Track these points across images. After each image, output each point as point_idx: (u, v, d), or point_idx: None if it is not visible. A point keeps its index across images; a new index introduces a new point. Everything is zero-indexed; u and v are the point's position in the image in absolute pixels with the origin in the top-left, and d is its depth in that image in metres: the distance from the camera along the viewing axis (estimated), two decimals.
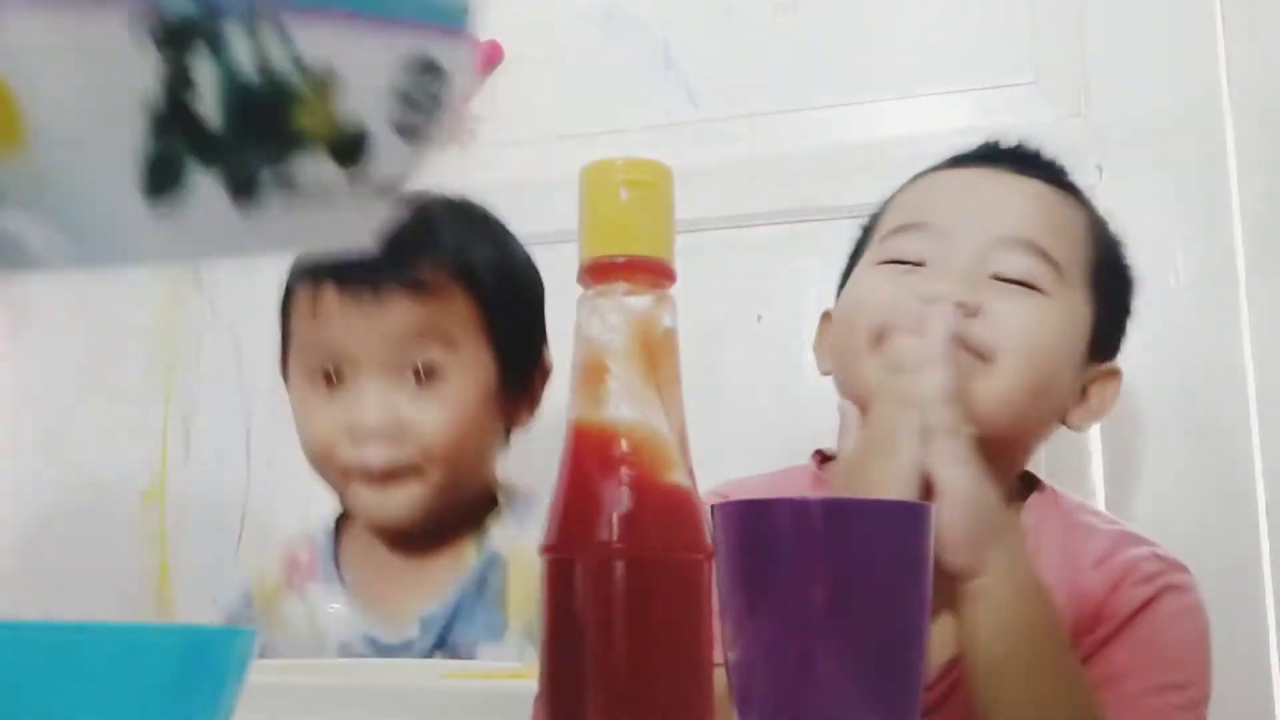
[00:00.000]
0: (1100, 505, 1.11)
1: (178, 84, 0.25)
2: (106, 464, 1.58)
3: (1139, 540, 0.85)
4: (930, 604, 0.46)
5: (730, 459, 0.88)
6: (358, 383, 0.90)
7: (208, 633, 0.37)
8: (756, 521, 0.46)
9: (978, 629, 0.70)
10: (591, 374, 0.46)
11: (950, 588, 0.70)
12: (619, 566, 0.43)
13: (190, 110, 0.25)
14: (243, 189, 0.27)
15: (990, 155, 0.90)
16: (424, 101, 0.31)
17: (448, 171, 1.63)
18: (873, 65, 1.30)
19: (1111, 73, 1.20)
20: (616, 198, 0.46)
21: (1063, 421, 0.87)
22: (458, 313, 0.90)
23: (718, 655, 0.45)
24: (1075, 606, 0.80)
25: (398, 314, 0.88)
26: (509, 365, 0.94)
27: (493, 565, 0.95)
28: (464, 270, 0.90)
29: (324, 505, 1.45)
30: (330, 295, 0.89)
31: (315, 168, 0.28)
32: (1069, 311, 0.83)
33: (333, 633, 0.95)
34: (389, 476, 0.90)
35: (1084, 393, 0.87)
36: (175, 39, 0.24)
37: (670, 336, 0.47)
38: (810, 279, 1.23)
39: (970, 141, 0.94)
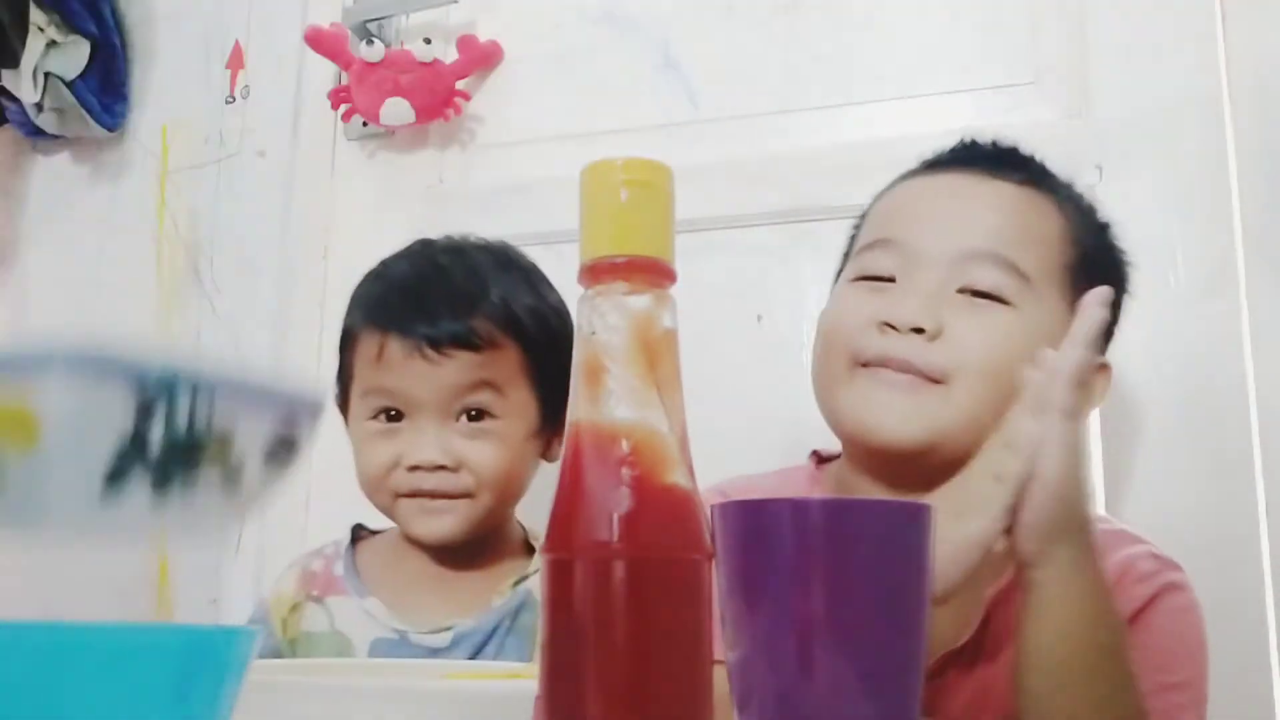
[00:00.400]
0: (1099, 505, 1.11)
1: (141, 423, 0.43)
2: None
3: (1134, 539, 0.85)
4: (930, 603, 0.46)
5: (730, 459, 0.88)
6: (416, 423, 0.97)
7: (208, 633, 0.37)
8: (756, 521, 0.46)
9: (1028, 619, 0.69)
10: (591, 374, 0.46)
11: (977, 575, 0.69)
12: (619, 566, 0.43)
13: (144, 437, 0.43)
14: (160, 485, 0.44)
15: (963, 158, 0.90)
16: (283, 454, 0.50)
17: (449, 172, 1.63)
18: (872, 65, 1.30)
19: (1111, 73, 1.20)
20: (616, 198, 0.46)
21: None
22: (507, 363, 0.98)
23: (718, 655, 0.45)
24: None
25: (455, 368, 0.96)
26: (548, 404, 1.01)
27: (527, 604, 1.01)
28: (511, 322, 0.98)
29: (323, 504, 1.45)
30: (395, 346, 0.97)
31: (209, 482, 0.46)
32: (1037, 321, 0.82)
33: (364, 632, 1.00)
34: (441, 497, 0.98)
35: None
36: (146, 400, 0.43)
37: (670, 336, 0.47)
38: (810, 279, 1.23)
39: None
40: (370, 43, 1.42)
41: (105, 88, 1.62)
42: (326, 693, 0.55)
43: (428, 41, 1.43)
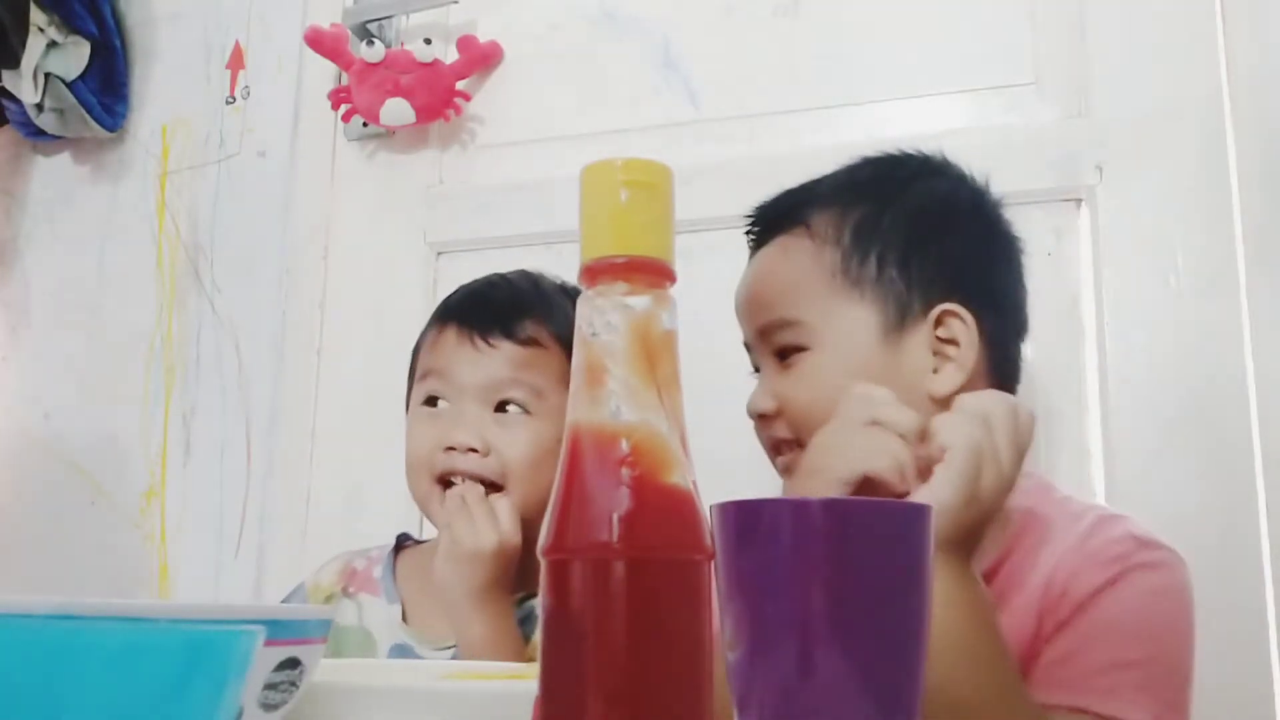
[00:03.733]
0: (1099, 501, 1.11)
1: None
2: (106, 464, 1.58)
3: (1116, 521, 0.85)
4: (931, 603, 0.46)
5: (731, 459, 0.88)
6: (457, 407, 1.03)
7: (208, 632, 0.37)
8: (756, 521, 0.46)
9: None
10: (592, 375, 0.46)
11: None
12: (619, 567, 0.43)
13: None
14: None
15: (751, 228, 0.98)
16: (285, 686, 0.48)
17: (449, 172, 1.63)
18: (872, 65, 1.30)
19: (1111, 73, 1.20)
20: (616, 198, 0.46)
21: (937, 401, 0.83)
22: (552, 368, 1.03)
23: (718, 655, 0.45)
24: (1045, 588, 0.81)
25: (498, 359, 1.03)
26: None
27: (529, 619, 1.02)
28: (561, 331, 1.04)
29: (323, 505, 1.45)
30: (451, 333, 1.05)
31: None
32: (837, 346, 0.86)
33: (386, 635, 1.04)
34: (471, 479, 1.02)
35: (947, 344, 0.85)
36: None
37: (670, 337, 0.47)
38: None
39: (956, 145, 0.95)
40: (370, 43, 1.42)
41: (105, 88, 1.62)
42: (325, 692, 0.55)
43: (428, 42, 1.43)
